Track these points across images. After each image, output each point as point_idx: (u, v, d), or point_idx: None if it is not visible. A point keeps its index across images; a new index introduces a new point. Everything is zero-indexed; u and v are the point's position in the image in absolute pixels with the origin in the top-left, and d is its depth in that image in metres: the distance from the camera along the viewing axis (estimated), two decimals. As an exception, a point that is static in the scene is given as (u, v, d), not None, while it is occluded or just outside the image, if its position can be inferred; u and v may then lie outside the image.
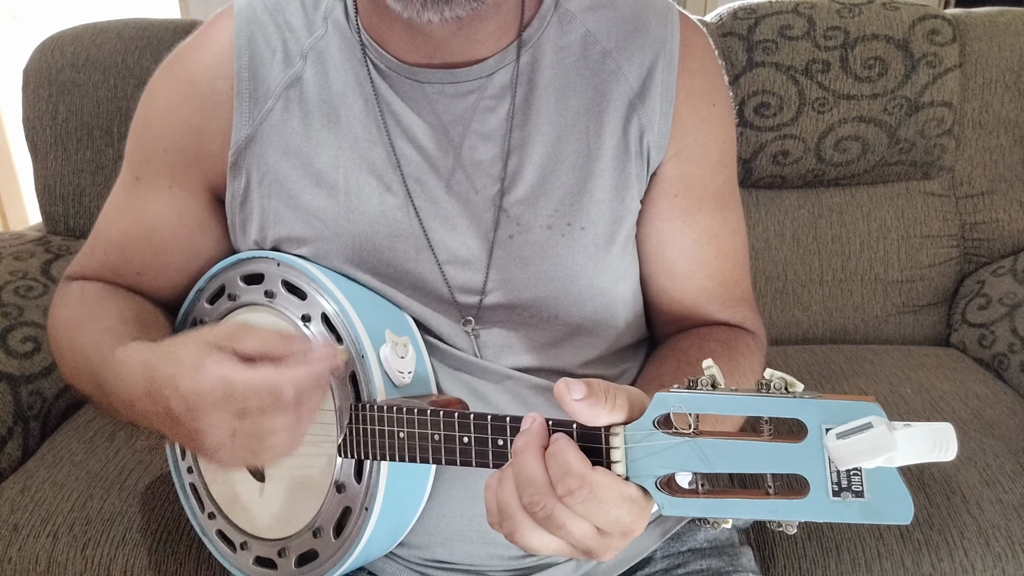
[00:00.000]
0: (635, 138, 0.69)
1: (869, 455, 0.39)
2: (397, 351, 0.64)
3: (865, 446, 0.39)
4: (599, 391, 0.46)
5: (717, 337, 0.72)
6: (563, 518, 0.46)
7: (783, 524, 0.44)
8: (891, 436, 0.38)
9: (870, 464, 0.40)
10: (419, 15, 0.59)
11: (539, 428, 0.49)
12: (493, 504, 0.49)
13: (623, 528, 0.47)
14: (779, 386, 0.42)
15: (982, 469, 0.99)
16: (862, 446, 0.39)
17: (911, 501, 0.41)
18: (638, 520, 0.47)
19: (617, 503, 0.46)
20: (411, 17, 0.60)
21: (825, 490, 0.42)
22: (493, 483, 0.50)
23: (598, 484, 0.46)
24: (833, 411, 0.41)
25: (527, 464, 0.47)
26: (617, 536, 0.47)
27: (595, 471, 0.46)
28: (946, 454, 0.38)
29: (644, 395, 0.49)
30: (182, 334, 0.59)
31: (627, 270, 0.73)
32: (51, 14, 2.44)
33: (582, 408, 0.46)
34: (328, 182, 0.69)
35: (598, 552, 0.48)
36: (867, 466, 0.40)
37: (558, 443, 0.47)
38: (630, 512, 0.47)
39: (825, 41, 1.29)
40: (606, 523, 0.47)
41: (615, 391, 0.47)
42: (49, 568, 0.90)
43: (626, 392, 0.48)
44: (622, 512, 0.46)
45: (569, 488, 0.46)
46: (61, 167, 1.30)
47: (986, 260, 1.37)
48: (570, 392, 0.46)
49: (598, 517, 0.46)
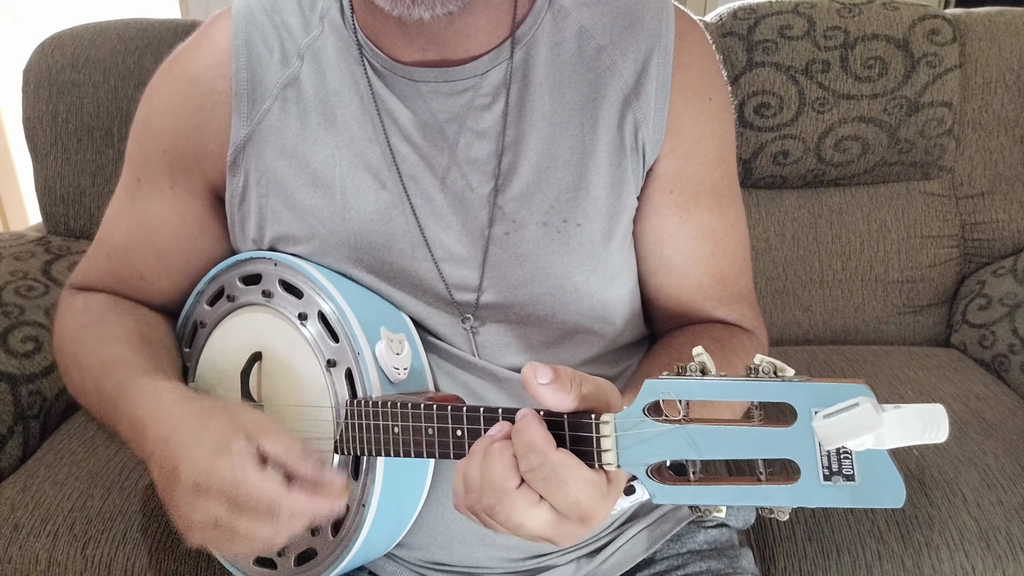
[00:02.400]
0: (630, 134, 0.69)
1: (855, 433, 0.39)
2: (393, 348, 0.65)
3: (851, 424, 0.39)
4: (565, 377, 0.47)
5: (711, 334, 0.72)
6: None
7: (775, 511, 0.44)
8: (878, 414, 0.38)
9: (858, 444, 0.39)
10: (409, 12, 0.59)
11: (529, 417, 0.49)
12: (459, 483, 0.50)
13: (581, 512, 0.47)
14: (768, 370, 0.43)
15: (983, 471, 0.99)
16: (848, 424, 0.39)
17: (903, 484, 0.41)
18: (597, 506, 0.47)
19: (577, 485, 0.47)
20: (401, 14, 0.60)
21: (816, 474, 0.42)
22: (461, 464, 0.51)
23: (559, 463, 0.46)
24: (823, 394, 0.41)
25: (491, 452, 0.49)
26: (575, 520, 0.48)
27: (558, 451, 0.47)
28: (937, 435, 0.38)
29: (614, 388, 0.50)
30: (218, 403, 0.61)
31: (624, 267, 0.73)
32: (51, 14, 2.44)
33: (547, 392, 0.46)
34: (324, 181, 0.69)
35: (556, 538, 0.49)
36: (855, 446, 0.40)
37: (525, 419, 0.48)
38: (589, 496, 0.47)
39: (825, 41, 1.28)
40: (565, 505, 0.47)
41: (580, 379, 0.47)
42: (49, 567, 0.91)
43: (593, 382, 0.48)
44: (581, 495, 0.47)
45: (531, 464, 0.47)
46: (61, 167, 1.30)
47: (986, 260, 1.36)
48: (536, 376, 0.46)
49: (557, 498, 0.47)
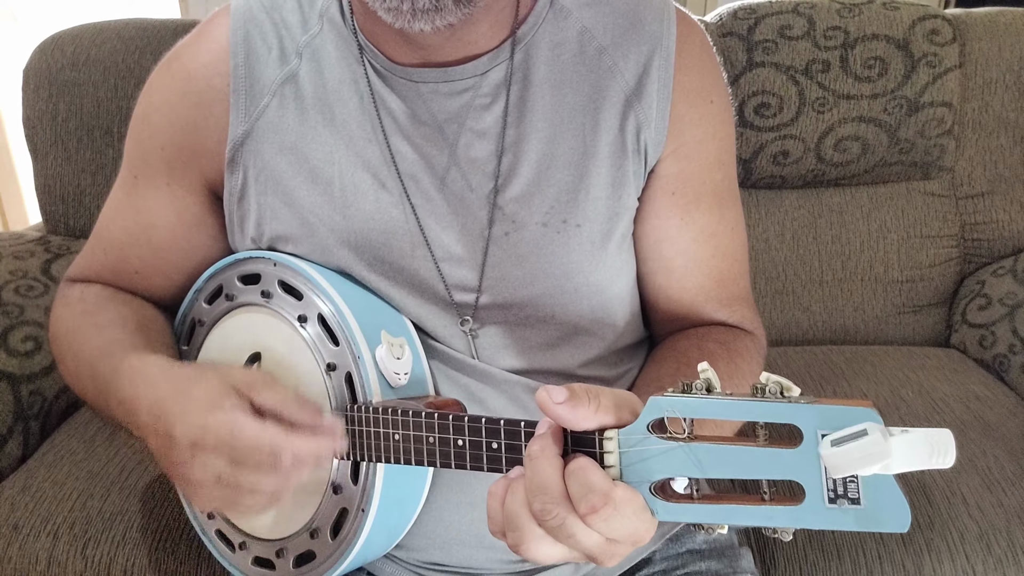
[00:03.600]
0: (632, 135, 0.69)
1: (864, 463, 0.38)
2: (393, 352, 0.64)
3: (860, 454, 0.38)
4: (581, 393, 0.45)
5: (716, 338, 0.72)
6: (574, 529, 0.45)
7: (779, 531, 0.43)
8: (886, 444, 0.37)
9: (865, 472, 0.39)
10: (410, 24, 0.59)
11: (555, 433, 0.47)
12: (498, 512, 0.48)
13: (635, 538, 0.46)
14: (774, 390, 0.42)
15: (983, 472, 0.99)
16: (857, 454, 0.38)
17: (908, 509, 0.40)
18: (650, 530, 0.46)
19: (635, 516, 0.45)
20: (403, 27, 0.60)
21: (821, 497, 0.41)
22: (499, 491, 0.48)
23: (621, 500, 0.45)
24: (829, 416, 0.40)
25: (542, 471, 0.46)
26: (626, 544, 0.46)
27: (616, 487, 0.45)
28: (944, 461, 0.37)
29: (633, 396, 0.48)
30: (206, 366, 0.61)
31: (624, 268, 0.73)
32: (51, 14, 2.44)
33: (565, 411, 0.45)
34: (323, 179, 0.69)
35: (603, 559, 0.47)
36: (863, 473, 0.39)
37: (578, 460, 0.46)
38: (644, 522, 0.45)
39: (825, 41, 1.28)
40: (619, 534, 0.45)
41: (597, 392, 0.46)
42: (49, 567, 0.91)
43: (611, 393, 0.47)
44: (638, 524, 0.45)
45: (594, 506, 0.44)
46: (61, 167, 1.30)
47: (986, 260, 1.36)
48: (551, 397, 0.45)
49: (614, 531, 0.45)
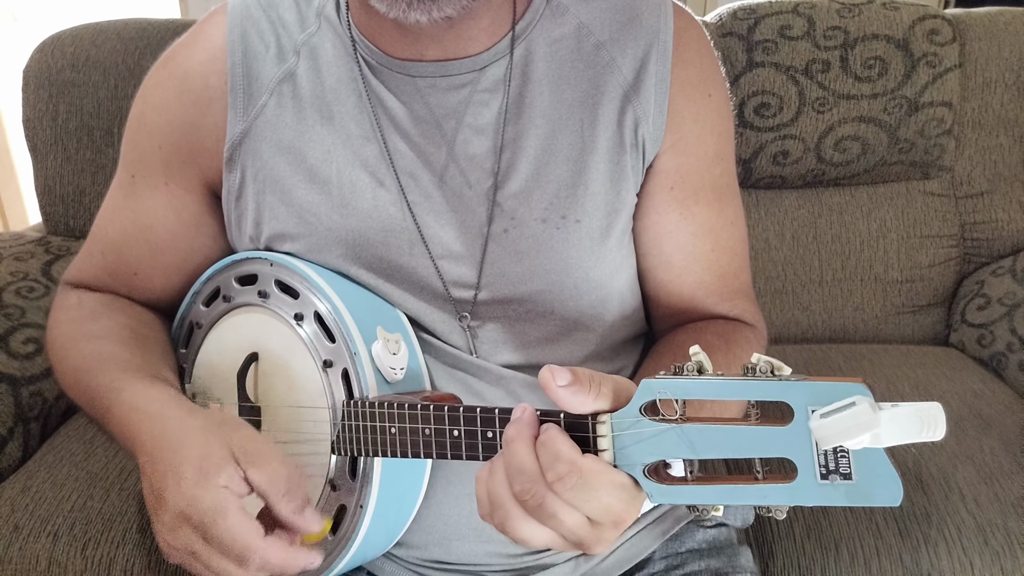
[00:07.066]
0: (630, 130, 0.69)
1: (852, 433, 0.39)
2: (389, 347, 0.64)
3: (848, 424, 0.39)
4: (584, 378, 0.46)
5: (714, 330, 0.72)
6: (554, 507, 0.46)
7: (772, 509, 0.44)
8: (875, 414, 0.38)
9: (855, 443, 0.39)
10: (405, 15, 0.59)
11: (530, 417, 0.48)
12: (484, 495, 0.49)
13: (614, 517, 0.47)
14: (765, 369, 0.42)
15: (980, 466, 0.99)
16: (845, 424, 0.39)
17: (900, 482, 0.40)
18: (629, 509, 0.47)
19: (607, 490, 0.46)
20: (397, 17, 0.59)
21: (813, 473, 0.42)
22: (483, 474, 0.50)
23: (588, 470, 0.46)
24: (820, 393, 0.41)
25: (518, 453, 0.47)
26: (608, 526, 0.47)
27: (585, 457, 0.46)
28: (934, 433, 0.38)
29: (631, 384, 0.48)
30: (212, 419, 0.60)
31: (623, 263, 0.73)
32: (51, 14, 2.44)
33: (567, 395, 0.46)
34: (321, 177, 0.69)
35: (589, 543, 0.48)
36: (852, 445, 0.40)
37: (548, 432, 0.47)
38: (620, 500, 0.46)
39: (825, 41, 1.28)
40: (597, 512, 0.46)
41: (599, 379, 0.47)
42: (49, 568, 0.91)
43: (612, 380, 0.48)
44: (612, 499, 0.46)
45: (559, 474, 0.46)
46: (61, 167, 1.30)
47: (986, 260, 1.36)
48: (555, 379, 0.46)
49: (589, 505, 0.46)
